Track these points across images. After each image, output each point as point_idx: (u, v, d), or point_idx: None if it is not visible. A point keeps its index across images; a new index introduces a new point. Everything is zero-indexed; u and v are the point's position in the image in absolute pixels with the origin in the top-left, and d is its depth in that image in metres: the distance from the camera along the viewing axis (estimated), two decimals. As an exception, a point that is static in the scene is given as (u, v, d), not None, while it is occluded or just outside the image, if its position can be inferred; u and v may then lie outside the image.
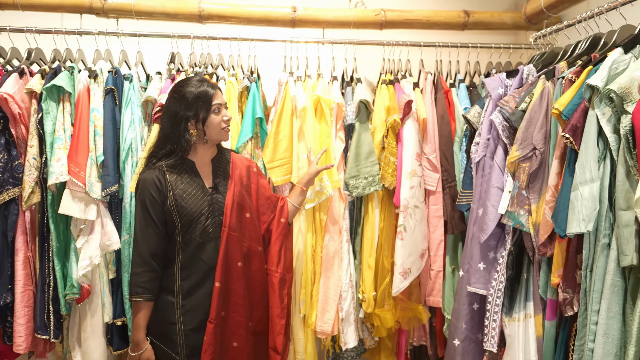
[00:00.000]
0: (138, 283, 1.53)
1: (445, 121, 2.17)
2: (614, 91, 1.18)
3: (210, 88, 1.57)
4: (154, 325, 1.58)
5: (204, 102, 1.55)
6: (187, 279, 1.56)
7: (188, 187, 1.57)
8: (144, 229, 1.54)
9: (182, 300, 1.55)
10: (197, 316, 1.56)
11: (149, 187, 1.54)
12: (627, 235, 1.17)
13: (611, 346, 1.23)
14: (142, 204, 1.55)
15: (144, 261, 1.53)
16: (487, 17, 2.40)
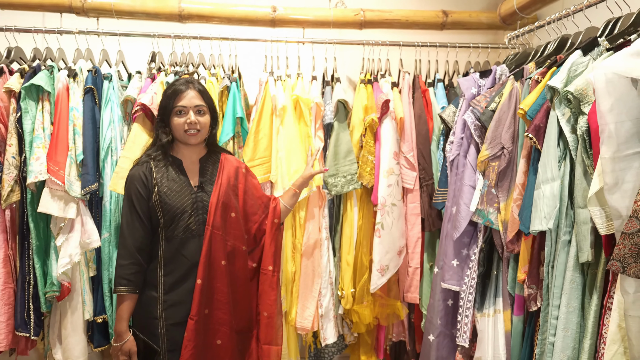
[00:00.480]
0: (122, 275, 1.57)
1: (422, 120, 2.20)
2: (572, 93, 1.21)
3: (182, 86, 1.62)
4: (138, 319, 1.62)
5: (169, 101, 1.62)
6: (169, 275, 1.59)
7: (173, 184, 1.61)
8: (130, 223, 1.59)
9: (164, 295, 1.58)
10: (179, 312, 1.58)
11: (136, 182, 1.60)
12: (584, 232, 1.21)
13: (570, 340, 1.27)
14: (129, 197, 1.60)
15: (129, 254, 1.57)
16: (465, 17, 2.43)
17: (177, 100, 1.60)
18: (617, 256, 1.03)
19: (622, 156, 1.05)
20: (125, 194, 1.63)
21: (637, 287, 1.05)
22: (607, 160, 1.06)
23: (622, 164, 1.05)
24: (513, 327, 1.60)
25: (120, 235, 1.61)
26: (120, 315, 1.57)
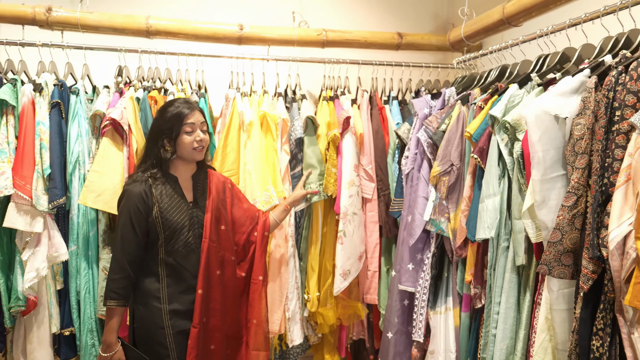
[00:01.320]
0: (113, 289, 1.63)
1: (379, 135, 2.39)
2: (509, 122, 1.43)
3: (186, 109, 1.72)
4: (144, 329, 1.70)
5: (177, 121, 1.70)
6: (171, 286, 1.69)
7: (172, 200, 1.71)
8: (125, 238, 1.65)
9: (168, 305, 1.68)
10: (184, 321, 1.70)
11: (135, 198, 1.66)
12: (520, 240, 1.43)
13: (508, 331, 1.48)
14: (126, 213, 1.66)
15: (121, 268, 1.64)
16: (418, 39, 2.65)
17: (186, 119, 1.70)
18: (545, 261, 1.25)
19: (548, 178, 1.26)
20: (122, 209, 1.68)
21: (560, 286, 1.26)
22: (536, 182, 1.28)
23: (548, 184, 1.26)
24: (461, 322, 1.81)
25: (113, 249, 1.68)
26: (111, 327, 1.64)
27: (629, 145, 1.06)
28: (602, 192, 1.12)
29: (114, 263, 1.66)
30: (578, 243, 1.20)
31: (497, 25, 1.98)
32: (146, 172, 1.70)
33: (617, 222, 1.05)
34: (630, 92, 1.09)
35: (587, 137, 1.18)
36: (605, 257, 1.08)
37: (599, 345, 1.13)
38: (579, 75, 1.27)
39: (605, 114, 1.14)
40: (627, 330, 1.06)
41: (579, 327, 1.18)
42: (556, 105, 1.24)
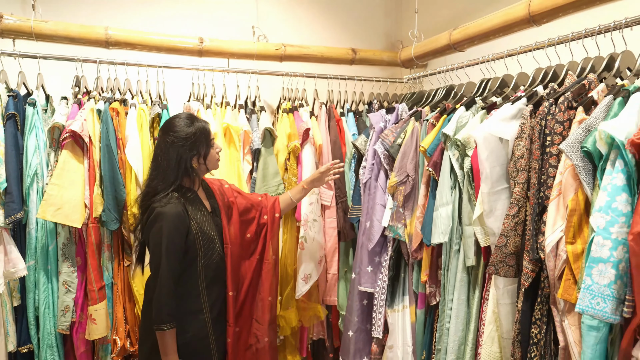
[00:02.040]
0: (167, 312, 1.58)
1: (337, 146, 2.54)
2: (460, 140, 1.62)
3: (205, 123, 1.75)
4: (190, 344, 1.68)
5: (205, 138, 1.72)
6: (211, 296, 1.74)
7: (202, 214, 1.74)
8: (171, 259, 1.59)
9: (210, 314, 1.73)
10: (221, 324, 1.80)
11: (174, 220, 1.61)
12: (469, 244, 1.63)
13: (460, 324, 1.68)
14: (167, 236, 1.59)
15: (169, 291, 1.59)
16: (370, 55, 2.84)
17: (210, 133, 1.75)
18: (492, 262, 1.45)
19: (495, 191, 1.47)
20: (161, 232, 1.59)
21: (505, 284, 1.48)
22: (485, 194, 1.48)
23: (494, 196, 1.47)
24: (417, 318, 2.00)
25: (155, 275, 1.61)
26: (172, 348, 1.60)
27: (559, 165, 1.28)
28: (539, 204, 1.33)
29: (161, 288, 1.57)
30: (520, 246, 1.41)
31: (444, 49, 2.20)
32: (174, 192, 1.66)
33: (551, 230, 1.26)
34: (558, 122, 1.31)
35: (525, 157, 1.40)
36: (542, 258, 1.29)
37: (537, 332, 1.35)
38: (518, 103, 1.48)
39: (539, 138, 1.35)
40: (559, 319, 1.28)
41: (521, 318, 1.39)
42: (500, 129, 1.45)
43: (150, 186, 1.69)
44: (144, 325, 1.75)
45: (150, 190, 1.68)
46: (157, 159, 1.70)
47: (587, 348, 1.13)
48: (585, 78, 1.39)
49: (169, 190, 1.65)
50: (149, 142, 2.23)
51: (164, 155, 1.68)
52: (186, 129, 1.68)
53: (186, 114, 1.75)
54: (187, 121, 1.70)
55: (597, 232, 1.09)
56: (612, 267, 1.07)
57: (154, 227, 1.61)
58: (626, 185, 1.08)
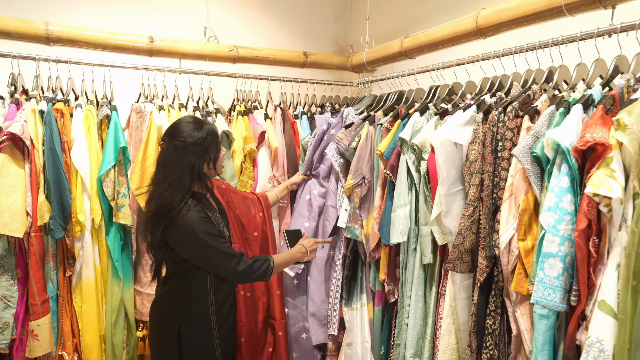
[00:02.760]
0: (259, 270, 1.67)
1: (292, 149, 2.56)
2: (416, 144, 1.71)
3: (213, 125, 1.71)
4: (197, 343, 1.67)
5: (215, 142, 1.68)
6: (218, 297, 1.71)
7: (216, 215, 1.74)
8: (224, 246, 1.62)
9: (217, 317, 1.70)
10: (231, 325, 1.78)
11: (202, 219, 1.60)
12: (426, 242, 1.72)
13: (419, 319, 1.77)
14: (205, 233, 1.58)
15: (242, 256, 1.65)
16: (321, 59, 2.89)
17: (218, 137, 1.72)
18: (450, 260, 1.55)
19: (451, 193, 1.57)
20: (198, 234, 1.57)
21: (462, 279, 1.58)
22: (442, 196, 1.57)
23: (451, 198, 1.57)
24: (374, 315, 2.08)
25: (224, 267, 1.63)
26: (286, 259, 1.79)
27: (510, 169, 1.40)
28: (493, 204, 1.45)
29: (238, 267, 1.62)
30: (475, 244, 1.52)
31: (396, 56, 2.29)
32: (190, 199, 1.62)
33: (505, 228, 1.38)
34: (508, 129, 1.43)
35: (479, 160, 1.51)
36: (497, 255, 1.40)
37: (492, 323, 1.46)
38: (469, 111, 1.60)
39: (491, 143, 1.47)
40: (512, 310, 1.39)
41: (477, 310, 1.50)
42: (455, 134, 1.55)
43: (164, 196, 1.58)
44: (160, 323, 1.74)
45: (166, 201, 1.58)
46: (166, 168, 1.60)
47: (538, 334, 1.25)
48: (530, 89, 1.52)
49: (186, 199, 1.60)
50: (97, 144, 2.12)
51: (174, 163, 1.59)
52: (196, 134, 1.61)
53: (191, 117, 1.68)
54: (195, 125, 1.63)
55: (547, 229, 1.21)
56: (560, 261, 1.19)
57: (185, 238, 1.59)
58: (570, 187, 1.20)
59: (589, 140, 1.13)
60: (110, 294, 2.17)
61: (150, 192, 1.66)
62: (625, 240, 1.11)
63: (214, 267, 1.64)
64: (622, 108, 1.15)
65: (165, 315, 1.71)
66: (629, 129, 1.09)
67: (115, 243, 2.16)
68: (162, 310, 1.72)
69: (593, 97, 1.29)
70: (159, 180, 1.62)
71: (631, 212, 1.10)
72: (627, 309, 1.07)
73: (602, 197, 1.12)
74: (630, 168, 1.11)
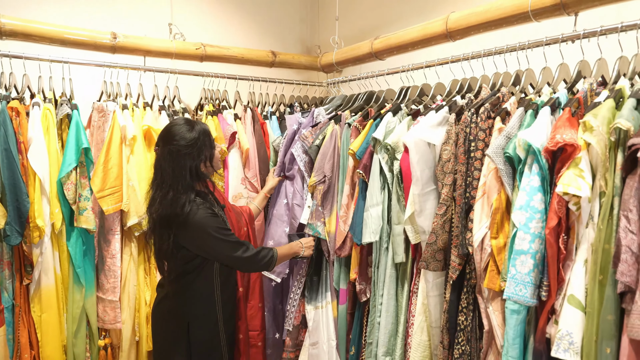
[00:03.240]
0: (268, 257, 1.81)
1: (262, 149, 2.53)
2: (389, 144, 1.73)
3: (204, 125, 1.72)
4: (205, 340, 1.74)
5: (209, 140, 1.70)
6: (224, 292, 1.78)
7: (221, 212, 1.79)
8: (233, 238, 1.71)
9: (222, 313, 1.77)
10: (231, 321, 1.86)
11: (211, 215, 1.66)
12: (399, 241, 1.74)
13: (391, 317, 1.79)
14: (215, 228, 1.65)
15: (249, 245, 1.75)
16: (290, 59, 2.87)
17: (211, 135, 1.74)
18: (424, 258, 1.57)
19: (424, 192, 1.60)
20: (207, 231, 1.64)
21: (434, 277, 1.61)
22: (416, 195, 1.60)
23: (424, 197, 1.60)
24: (339, 313, 2.07)
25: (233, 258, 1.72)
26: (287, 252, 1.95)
27: (483, 168, 1.44)
28: (466, 204, 1.48)
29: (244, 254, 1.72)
30: (447, 243, 1.55)
31: (366, 57, 2.31)
32: (196, 198, 1.67)
33: (478, 227, 1.41)
34: (481, 130, 1.47)
35: (452, 160, 1.54)
36: (471, 253, 1.44)
37: (464, 319, 1.50)
38: (441, 112, 1.63)
39: (464, 144, 1.50)
40: (484, 306, 1.43)
41: (449, 307, 1.53)
42: (428, 135, 1.58)
43: (167, 200, 1.63)
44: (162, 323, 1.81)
45: (173, 207, 1.62)
46: (164, 172, 1.65)
47: (509, 329, 1.29)
48: (499, 91, 1.57)
49: (192, 197, 1.65)
50: (57, 145, 2.02)
51: (171, 167, 1.64)
52: (189, 135, 1.65)
53: (182, 120, 1.72)
54: (186, 127, 1.67)
55: (518, 227, 1.25)
56: (530, 258, 1.24)
57: (197, 236, 1.66)
58: (541, 186, 1.25)
59: (559, 141, 1.17)
60: (72, 302, 2.07)
61: (151, 196, 1.69)
62: (592, 236, 1.16)
63: (224, 257, 1.72)
64: (587, 111, 1.21)
65: (172, 314, 1.75)
66: (596, 131, 1.14)
67: (77, 248, 2.06)
68: (169, 310, 1.76)
69: (560, 100, 1.35)
70: (159, 184, 1.67)
71: (597, 210, 1.15)
72: (594, 303, 1.12)
73: (572, 196, 1.17)
74: (597, 168, 1.16)
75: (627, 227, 1.02)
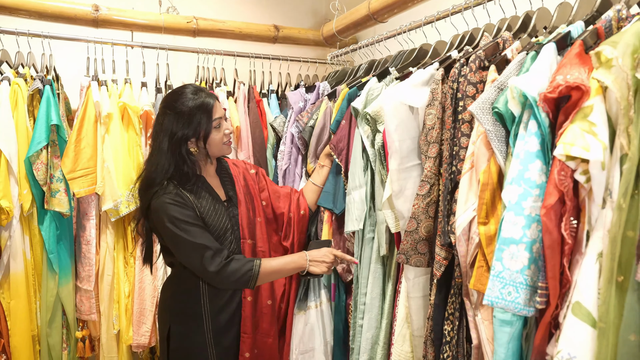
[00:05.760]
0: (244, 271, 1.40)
1: (258, 129, 2.29)
2: (369, 114, 1.43)
3: (209, 99, 1.44)
4: (183, 352, 1.46)
5: (203, 117, 1.41)
6: (213, 300, 1.46)
7: (208, 204, 1.46)
8: (195, 236, 1.37)
9: (211, 322, 1.46)
10: (226, 336, 1.48)
11: (173, 203, 1.38)
12: (382, 230, 1.43)
13: (373, 320, 1.48)
14: (176, 220, 1.36)
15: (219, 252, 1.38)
16: (295, 33, 2.61)
17: (213, 113, 1.43)
18: (402, 250, 1.26)
19: (405, 168, 1.28)
20: (167, 222, 1.37)
21: (416, 274, 1.29)
22: (393, 171, 1.29)
23: (404, 174, 1.28)
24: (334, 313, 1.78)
25: (192, 261, 1.39)
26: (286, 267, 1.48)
27: (472, 134, 1.10)
28: (452, 180, 1.15)
29: (199, 252, 1.36)
30: (432, 231, 1.23)
31: (364, 20, 2.00)
32: (171, 181, 1.41)
33: (463, 208, 1.08)
34: (470, 84, 1.14)
35: (437, 127, 1.21)
36: (453, 243, 1.11)
37: (450, 329, 1.17)
38: (429, 68, 1.30)
39: (452, 104, 1.18)
40: (472, 313, 1.10)
41: (433, 313, 1.21)
42: (410, 96, 1.26)
43: (147, 174, 1.43)
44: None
45: (147, 181, 1.42)
46: (154, 139, 1.45)
47: (499, 346, 0.95)
48: (500, 37, 1.22)
49: (165, 180, 1.40)
50: (27, 122, 1.90)
51: (156, 137, 1.44)
52: (180, 104, 1.40)
53: (192, 86, 1.47)
54: (184, 94, 1.42)
55: (508, 207, 0.91)
56: (525, 249, 0.90)
57: (158, 223, 1.40)
58: (540, 152, 0.90)
59: (560, 83, 0.83)
60: (45, 290, 1.95)
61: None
62: (610, 220, 0.80)
63: (185, 259, 1.43)
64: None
65: (160, 311, 1.58)
66: (614, 67, 0.79)
67: (50, 233, 1.93)
68: (160, 305, 1.59)
69: (572, 35, 0.99)
70: (149, 156, 1.48)
71: (618, 182, 0.79)
72: (609, 315, 0.76)
73: (579, 161, 0.82)
74: (617, 120, 0.81)
75: (654, 201, 0.67)
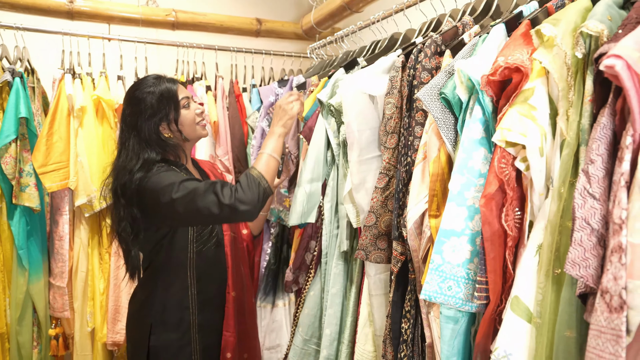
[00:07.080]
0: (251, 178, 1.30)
1: (237, 125, 2.26)
2: (333, 105, 1.38)
3: (170, 84, 1.39)
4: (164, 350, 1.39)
5: (168, 99, 1.36)
6: (201, 293, 1.41)
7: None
8: (197, 184, 1.27)
9: (197, 317, 1.40)
10: (212, 332, 1.44)
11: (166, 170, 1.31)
12: (344, 225, 1.38)
13: (332, 317, 1.40)
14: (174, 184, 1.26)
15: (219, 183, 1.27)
16: (278, 27, 2.57)
17: (177, 94, 1.38)
18: (362, 246, 1.21)
19: (364, 159, 1.23)
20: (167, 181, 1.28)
21: (377, 271, 1.24)
22: (353, 163, 1.24)
23: (364, 166, 1.23)
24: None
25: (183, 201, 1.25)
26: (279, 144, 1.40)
27: (426, 122, 1.05)
28: (406, 171, 1.10)
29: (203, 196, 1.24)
30: (391, 226, 1.18)
31: (340, 11, 1.96)
32: (161, 164, 1.35)
33: (415, 201, 1.03)
34: (425, 70, 1.09)
35: (396, 117, 1.17)
36: (405, 237, 1.06)
37: (407, 327, 1.12)
38: (392, 55, 1.25)
39: (407, 92, 1.13)
40: (425, 310, 1.04)
41: (392, 311, 1.16)
42: (369, 84, 1.21)
43: (115, 166, 1.37)
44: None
45: (116, 171, 1.36)
46: (122, 132, 1.40)
47: (443, 344, 0.90)
48: (460, 21, 1.17)
49: (147, 163, 1.32)
50: (-4, 116, 1.88)
51: (125, 130, 1.38)
52: (143, 92, 1.36)
53: (154, 75, 1.43)
54: (145, 82, 1.39)
55: (449, 198, 0.86)
56: (467, 242, 0.85)
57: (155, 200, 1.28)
58: (485, 139, 0.85)
59: (500, 65, 0.78)
60: (15, 287, 1.93)
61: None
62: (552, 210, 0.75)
63: (194, 216, 1.30)
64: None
65: (137, 311, 1.47)
66: (556, 46, 0.73)
67: (20, 228, 1.91)
68: (134, 306, 1.48)
69: (524, 15, 0.93)
70: (119, 151, 1.40)
71: (558, 169, 0.74)
72: (546, 311, 0.71)
73: (520, 148, 0.77)
74: (558, 103, 0.75)
75: (585, 188, 0.62)
